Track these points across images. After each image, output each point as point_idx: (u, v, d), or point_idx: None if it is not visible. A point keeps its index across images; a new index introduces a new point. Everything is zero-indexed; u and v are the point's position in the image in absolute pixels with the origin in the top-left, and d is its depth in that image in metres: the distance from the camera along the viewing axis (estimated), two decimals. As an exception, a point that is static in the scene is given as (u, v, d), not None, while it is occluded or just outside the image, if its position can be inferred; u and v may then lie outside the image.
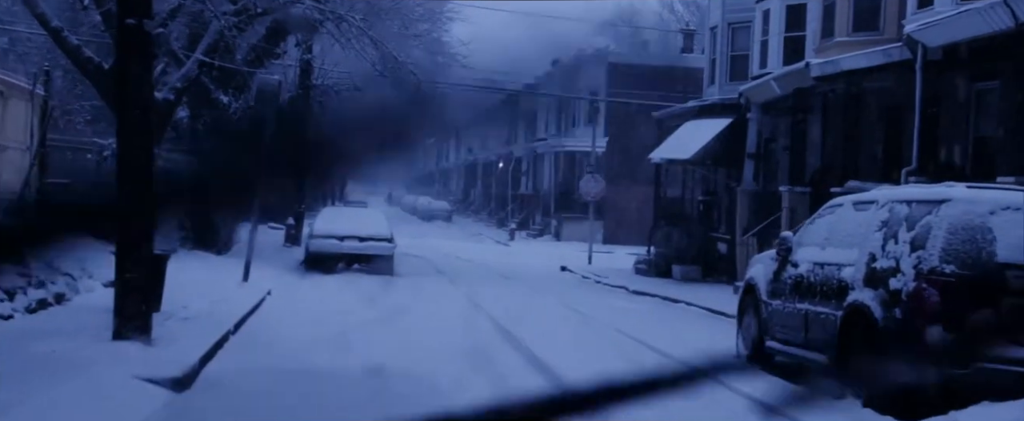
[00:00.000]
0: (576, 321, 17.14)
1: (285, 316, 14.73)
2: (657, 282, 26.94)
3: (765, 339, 11.86)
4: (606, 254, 39.48)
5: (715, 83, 29.62)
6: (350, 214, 27.21)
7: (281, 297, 17.58)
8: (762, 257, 12.70)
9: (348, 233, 24.35)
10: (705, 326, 17.48)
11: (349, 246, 24.29)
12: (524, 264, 34.18)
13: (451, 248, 40.49)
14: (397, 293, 20.26)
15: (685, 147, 26.96)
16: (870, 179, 20.82)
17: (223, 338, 11.47)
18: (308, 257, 24.49)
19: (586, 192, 34.06)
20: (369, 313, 15.63)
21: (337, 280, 22.45)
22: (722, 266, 26.83)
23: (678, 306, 21.64)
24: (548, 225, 49.84)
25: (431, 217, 67.00)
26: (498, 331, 14.67)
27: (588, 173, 34.81)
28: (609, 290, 25.90)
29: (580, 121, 48.10)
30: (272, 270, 23.40)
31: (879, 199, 10.27)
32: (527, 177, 58.21)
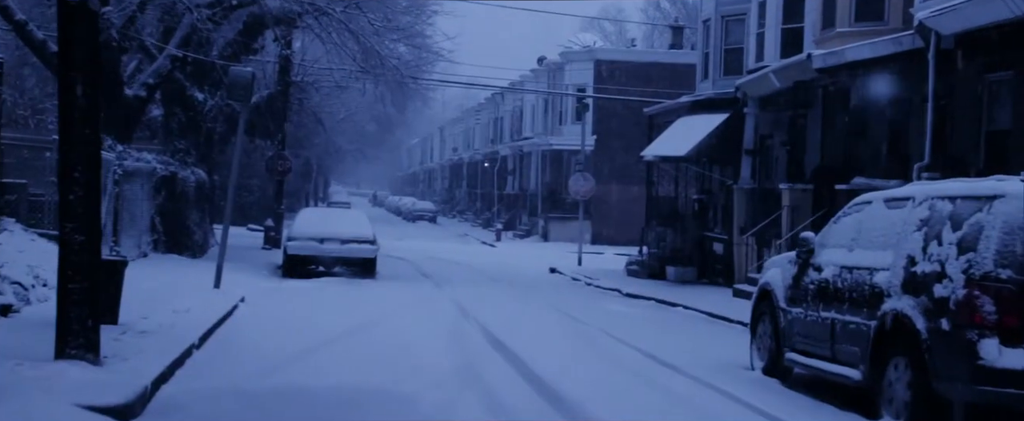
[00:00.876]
0: (571, 329, 15.99)
1: (257, 327, 13.52)
2: (651, 284, 25.83)
3: (784, 350, 10.72)
4: (595, 254, 38.40)
5: (708, 78, 28.53)
6: (330, 215, 25.98)
7: (255, 305, 16.37)
8: (778, 260, 11.56)
9: (328, 235, 23.14)
10: (709, 333, 16.35)
11: (329, 249, 23.08)
12: (512, 266, 33.04)
13: (436, 250, 39.32)
14: (380, 299, 19.07)
15: (679, 144, 25.85)
16: (876, 176, 19.75)
17: (185, 354, 10.27)
18: (286, 260, 23.28)
19: (576, 191, 32.93)
20: (349, 322, 14.44)
21: (316, 285, 21.25)
22: (718, 267, 25.73)
23: (676, 310, 20.52)
24: (535, 225, 48.72)
25: (416, 218, 65.79)
26: (488, 341, 13.51)
27: (577, 171, 33.67)
28: (601, 293, 24.77)
29: (567, 119, 46.99)
30: (248, 274, 22.18)
31: (916, 195, 9.14)
32: (513, 177, 57.08)
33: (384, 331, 13.95)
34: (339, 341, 12.56)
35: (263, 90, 32.19)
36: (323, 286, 21.04)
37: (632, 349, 13.04)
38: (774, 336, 10.96)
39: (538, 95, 52.45)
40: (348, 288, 20.93)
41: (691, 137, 25.45)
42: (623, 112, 44.84)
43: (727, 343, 14.33)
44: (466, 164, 73.14)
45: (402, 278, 24.76)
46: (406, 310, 16.96)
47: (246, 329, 13.18)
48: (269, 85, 32.19)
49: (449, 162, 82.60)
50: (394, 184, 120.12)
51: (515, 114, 58.35)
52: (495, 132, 64.39)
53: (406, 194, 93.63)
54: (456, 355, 12.04)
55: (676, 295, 22.61)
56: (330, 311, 16.20)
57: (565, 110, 47.14)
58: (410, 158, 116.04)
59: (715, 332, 16.58)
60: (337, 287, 20.99)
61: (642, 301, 22.53)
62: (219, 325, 13.07)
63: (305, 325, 13.99)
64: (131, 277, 16.85)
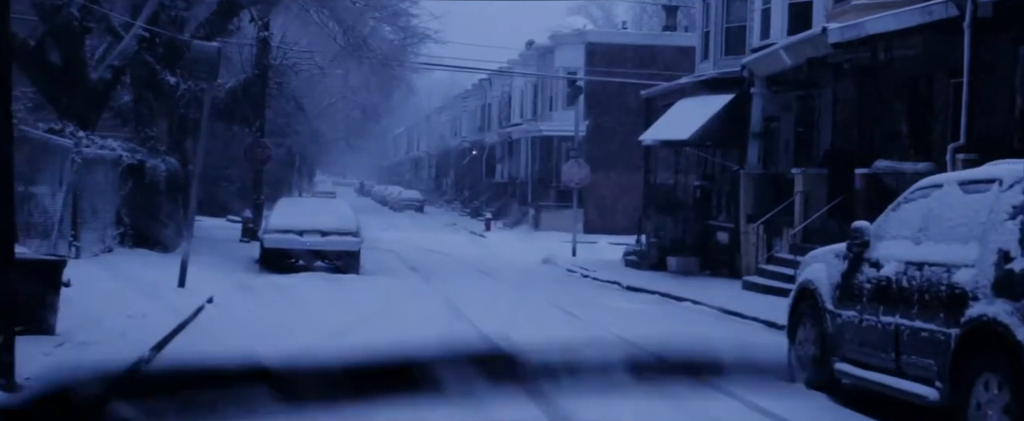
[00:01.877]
0: (574, 328, 14.40)
1: (222, 333, 11.89)
2: (652, 276, 24.27)
3: (831, 360, 9.15)
4: (589, 244, 36.77)
5: (709, 58, 26.94)
6: (311, 205, 24.26)
7: (224, 306, 14.72)
8: (821, 254, 9.96)
9: (308, 227, 21.48)
10: (726, 333, 14.77)
11: (310, 241, 21.42)
12: (503, 257, 31.43)
13: (424, 240, 37.67)
14: (364, 296, 17.45)
15: (681, 127, 24.26)
16: (895, 158, 18.21)
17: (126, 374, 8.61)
18: (263, 254, 21.62)
19: (570, 178, 31.32)
20: (327, 326, 12.81)
21: (295, 281, 19.60)
22: (723, 257, 24.18)
23: (683, 305, 18.94)
24: (525, 214, 47.11)
25: (402, 207, 64.10)
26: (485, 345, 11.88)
27: (571, 157, 32.06)
28: (600, 286, 23.20)
29: (558, 104, 45.34)
30: (221, 270, 20.53)
31: (1003, 177, 7.56)
32: (502, 164, 55.42)
33: (366, 338, 12.33)
34: (314, 353, 10.93)
35: (240, 74, 30.49)
36: (302, 282, 19.40)
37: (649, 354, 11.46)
38: (819, 343, 9.38)
39: (527, 80, 50.79)
40: (329, 284, 19.31)
41: (693, 120, 23.87)
42: (616, 97, 43.24)
43: (749, 346, 12.73)
44: (453, 152, 71.43)
45: (388, 272, 23.15)
46: (392, 310, 15.34)
47: (208, 337, 11.54)
48: (247, 69, 30.48)
49: (436, 150, 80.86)
50: (380, 173, 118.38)
51: (503, 100, 56.68)
52: (483, 119, 62.72)
53: (392, 183, 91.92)
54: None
55: (681, 288, 21.04)
56: (308, 312, 14.58)
57: (556, 95, 45.50)
58: (396, 147, 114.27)
59: (732, 331, 15.01)
60: (317, 283, 19.35)
61: (645, 295, 20.96)
62: (177, 332, 11.43)
63: (276, 331, 12.35)
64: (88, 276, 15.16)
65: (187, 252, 15.67)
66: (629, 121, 43.46)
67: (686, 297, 19.53)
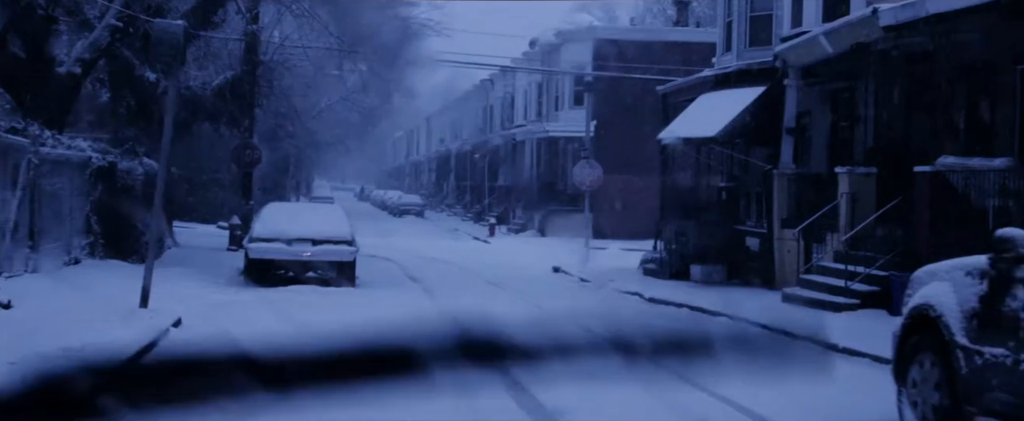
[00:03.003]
0: (603, 354, 12.14)
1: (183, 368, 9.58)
2: (674, 286, 22.01)
3: (968, 411, 6.90)
4: (599, 250, 34.49)
5: (732, 50, 24.71)
6: (301, 211, 21.94)
7: (192, 329, 12.47)
8: (944, 270, 7.67)
9: (298, 235, 19.22)
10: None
11: (299, 251, 19.17)
12: (510, 265, 29.18)
13: (425, 247, 35.43)
14: (359, 316, 15.17)
15: (706, 123, 22.01)
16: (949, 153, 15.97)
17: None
18: (247, 266, 19.35)
19: (581, 180, 29.08)
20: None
21: (281, 296, 17.32)
22: (753, 266, 21.92)
23: (718, 321, 16.60)
24: (531, 219, 44.84)
25: (402, 212, 61.84)
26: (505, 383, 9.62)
27: (582, 158, 29.81)
28: (620, 298, 20.93)
29: (565, 103, 43.09)
30: (200, 283, 18.27)
31: None
32: (505, 167, 53.16)
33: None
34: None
35: (228, 71, 28.24)
36: (289, 298, 17.12)
37: (709, 396, 9.20)
38: (946, 388, 7.12)
39: (531, 80, 48.56)
40: (320, 300, 17.04)
41: (720, 115, 21.61)
42: (625, 97, 41.03)
43: (828, 380, 10.48)
44: (454, 155, 69.19)
45: (387, 284, 20.89)
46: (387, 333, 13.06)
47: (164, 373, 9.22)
48: (235, 65, 28.22)
49: (436, 154, 78.61)
50: (380, 178, 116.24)
51: (506, 101, 54.44)
52: (485, 121, 60.46)
53: (392, 188, 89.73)
54: (462, 404, 8.16)
55: (711, 300, 18.76)
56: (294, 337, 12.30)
57: (562, 94, 43.25)
58: (395, 151, 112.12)
59: (790, 356, 12.72)
60: (307, 299, 17.08)
61: (671, 309, 18.70)
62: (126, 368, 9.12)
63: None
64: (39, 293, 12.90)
65: (150, 265, 13.39)
66: (639, 121, 41.24)
67: (720, 311, 17.23)
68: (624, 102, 41.13)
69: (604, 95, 41.22)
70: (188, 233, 32.92)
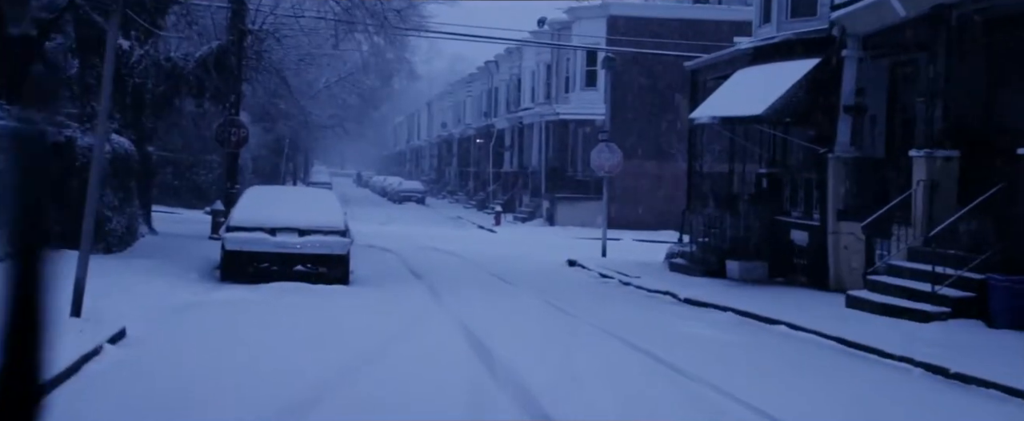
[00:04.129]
0: (660, 379, 9.46)
1: (105, 406, 6.90)
2: (710, 285, 19.31)
3: None
4: (613, 241, 31.78)
5: (771, 21, 21.90)
6: (287, 196, 19.02)
7: (138, 346, 9.72)
8: None
9: (283, 224, 16.45)
10: (889, 389, 9.74)
11: (284, 243, 16.40)
12: (520, 257, 26.48)
13: (427, 237, 32.70)
14: (350, 323, 12.45)
15: (748, 101, 19.24)
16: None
17: None
18: (224, 259, 16.58)
19: (599, 165, 26.32)
20: (283, 395, 7.83)
21: (259, 297, 14.55)
22: (801, 262, 19.19)
23: (778, 331, 13.92)
24: (538, 207, 42.10)
25: (402, 199, 59.08)
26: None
27: (601, 141, 27.04)
28: (650, 298, 18.21)
29: (576, 84, 40.29)
30: (167, 280, 15.52)
31: None
32: (511, 152, 50.39)
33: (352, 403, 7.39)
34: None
35: (211, 41, 25.44)
36: (269, 300, 14.36)
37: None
38: None
39: (539, 61, 45.75)
40: (306, 302, 14.29)
41: (764, 92, 18.83)
42: (640, 77, 38.27)
43: (954, 413, 7.82)
44: (457, 140, 66.39)
45: (385, 280, 18.15)
46: (388, 352, 10.32)
47: (74, 416, 6.54)
48: (219, 35, 25.42)
49: (437, 139, 75.79)
50: (381, 164, 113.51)
51: (512, 83, 51.61)
52: (489, 104, 57.64)
53: (393, 174, 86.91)
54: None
55: (759, 303, 16.06)
56: (262, 358, 9.58)
57: (573, 74, 40.44)
58: (396, 136, 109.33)
59: (895, 386, 9.97)
60: (291, 301, 14.33)
61: (714, 313, 15.98)
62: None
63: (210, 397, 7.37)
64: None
65: (84, 262, 10.60)
66: (653, 104, 38.52)
67: (777, 318, 14.52)
68: (638, 84, 38.38)
69: (616, 76, 38.48)
70: (171, 219, 30.20)
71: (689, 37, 36.67)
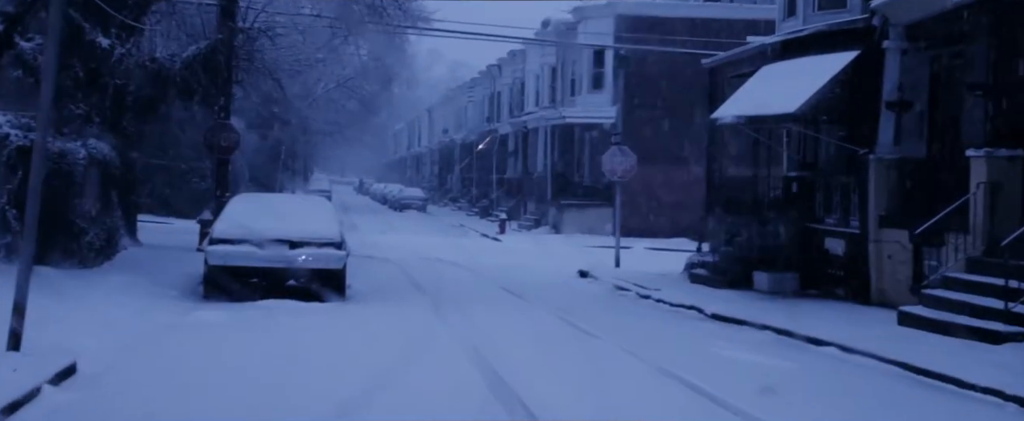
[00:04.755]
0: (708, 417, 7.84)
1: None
2: (737, 298, 17.69)
3: None
4: (624, 249, 30.17)
5: (797, 14, 20.30)
6: (277, 205, 17.22)
7: (93, 385, 8.09)
8: None
9: (272, 235, 14.81)
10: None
11: (273, 256, 14.76)
12: (528, 268, 24.88)
13: (429, 245, 31.09)
14: (344, 350, 10.83)
15: (779, 98, 17.62)
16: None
17: None
18: (208, 276, 14.93)
19: (612, 169, 24.70)
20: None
21: (243, 318, 12.91)
22: (837, 274, 17.55)
23: (827, 354, 12.29)
24: (544, 214, 40.47)
25: (403, 206, 57.44)
26: None
27: (613, 144, 25.42)
28: (672, 314, 16.59)
29: (582, 87, 38.69)
30: (143, 299, 13.90)
31: None
32: (515, 158, 48.76)
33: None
34: None
35: (200, 41, 23.83)
36: (254, 321, 12.73)
37: None
38: None
39: (543, 63, 44.17)
40: (296, 323, 12.66)
41: (797, 88, 17.21)
42: (649, 79, 36.67)
43: None
44: (458, 146, 64.77)
45: (385, 295, 16.52)
46: (389, 386, 8.67)
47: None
48: (208, 33, 23.81)
49: (438, 145, 74.17)
50: (381, 171, 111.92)
51: (515, 87, 50.01)
52: (492, 109, 56.02)
53: (393, 181, 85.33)
54: None
55: (797, 320, 14.42)
56: (236, 402, 7.94)
57: (579, 77, 38.84)
58: (397, 143, 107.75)
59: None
60: (278, 323, 12.70)
61: (750, 332, 14.35)
62: None
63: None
64: None
65: (23, 283, 8.91)
66: (665, 107, 36.94)
67: (823, 338, 12.89)
68: (647, 86, 36.78)
69: (626, 79, 36.90)
70: (161, 230, 28.57)
71: (700, 36, 35.11)
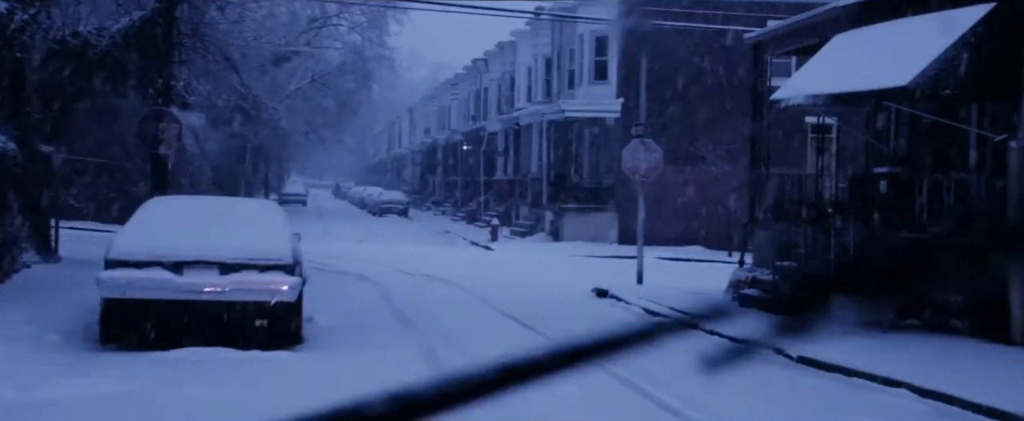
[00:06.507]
0: None
1: None
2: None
3: None
4: (629, 259, 25.79)
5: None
6: (206, 211, 12.01)
7: None
8: None
9: (194, 255, 10.28)
10: None
11: (197, 284, 10.24)
12: (531, 284, 20.46)
13: (412, 257, 26.61)
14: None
15: (873, 70, 13.27)
16: None
17: None
18: (104, 313, 10.38)
19: (634, 167, 20.29)
20: None
21: (143, 389, 8.36)
22: (953, 300, 13.18)
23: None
24: (540, 220, 36.03)
25: (383, 211, 52.89)
26: None
27: (635, 137, 21.01)
28: (757, 361, 12.16)
29: (583, 78, 34.28)
30: (7, 350, 9.37)
31: None
32: (504, 158, 44.32)
33: None
34: None
35: (133, 11, 19.25)
36: (151, 395, 8.19)
37: None
38: None
39: (537, 53, 39.75)
40: (209, 402, 8.13)
41: (903, 56, 12.84)
42: (657, 67, 32.27)
43: None
44: (442, 147, 60.26)
45: (358, 337, 12.01)
46: None
47: None
48: (143, 4, 19.23)
49: (421, 146, 69.62)
50: (361, 174, 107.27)
51: (504, 82, 45.58)
52: (478, 107, 51.57)
53: (373, 185, 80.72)
54: None
55: (931, 370, 10.11)
56: None
57: (579, 67, 34.43)
58: (376, 145, 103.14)
59: None
60: (189, 397, 8.16)
61: (872, 390, 10.01)
62: None
63: None
64: None
65: None
66: (676, 98, 32.60)
67: (1005, 409, 8.54)
68: (655, 74, 32.40)
69: (630, 66, 32.59)
70: (94, 239, 23.89)
71: (712, 20, 30.87)
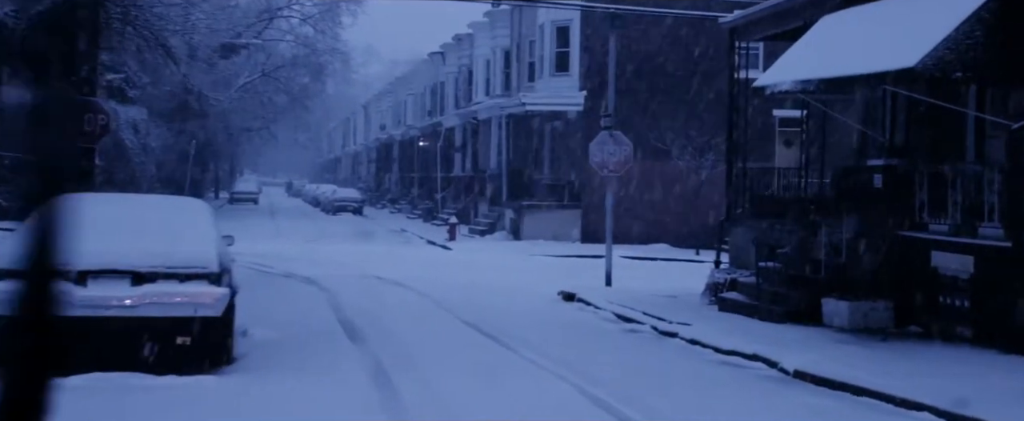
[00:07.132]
0: None
1: None
2: (808, 337, 12.12)
3: None
4: (593, 258, 24.50)
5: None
6: (118, 210, 10.17)
7: None
8: None
9: (100, 263, 8.72)
10: None
11: (104, 298, 8.70)
12: (493, 287, 19.07)
13: (366, 258, 25.13)
14: None
15: (868, 52, 11.98)
16: None
17: None
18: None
19: (601, 162, 18.93)
20: None
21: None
22: (954, 303, 11.94)
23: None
24: (500, 218, 34.61)
25: (337, 210, 51.23)
26: None
27: (603, 129, 19.63)
28: (730, 369, 10.84)
29: (544, 70, 32.89)
30: None
31: None
32: (462, 154, 42.86)
33: None
34: None
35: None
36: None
37: None
38: None
39: (494, 47, 38.33)
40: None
41: (902, 37, 11.58)
42: (624, 59, 30.91)
43: None
44: (398, 143, 58.68)
45: (298, 353, 10.53)
46: None
47: None
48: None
49: (376, 142, 67.96)
50: (315, 172, 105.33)
51: (461, 76, 44.10)
52: (434, 102, 50.05)
53: (327, 182, 78.90)
54: None
55: (945, 385, 8.84)
56: None
57: (540, 58, 33.02)
58: (331, 142, 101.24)
59: None
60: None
61: (887, 411, 8.70)
62: None
63: None
64: None
65: None
66: (639, 90, 31.33)
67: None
68: (621, 65, 31.09)
69: (595, 62, 31.27)
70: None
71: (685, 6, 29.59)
